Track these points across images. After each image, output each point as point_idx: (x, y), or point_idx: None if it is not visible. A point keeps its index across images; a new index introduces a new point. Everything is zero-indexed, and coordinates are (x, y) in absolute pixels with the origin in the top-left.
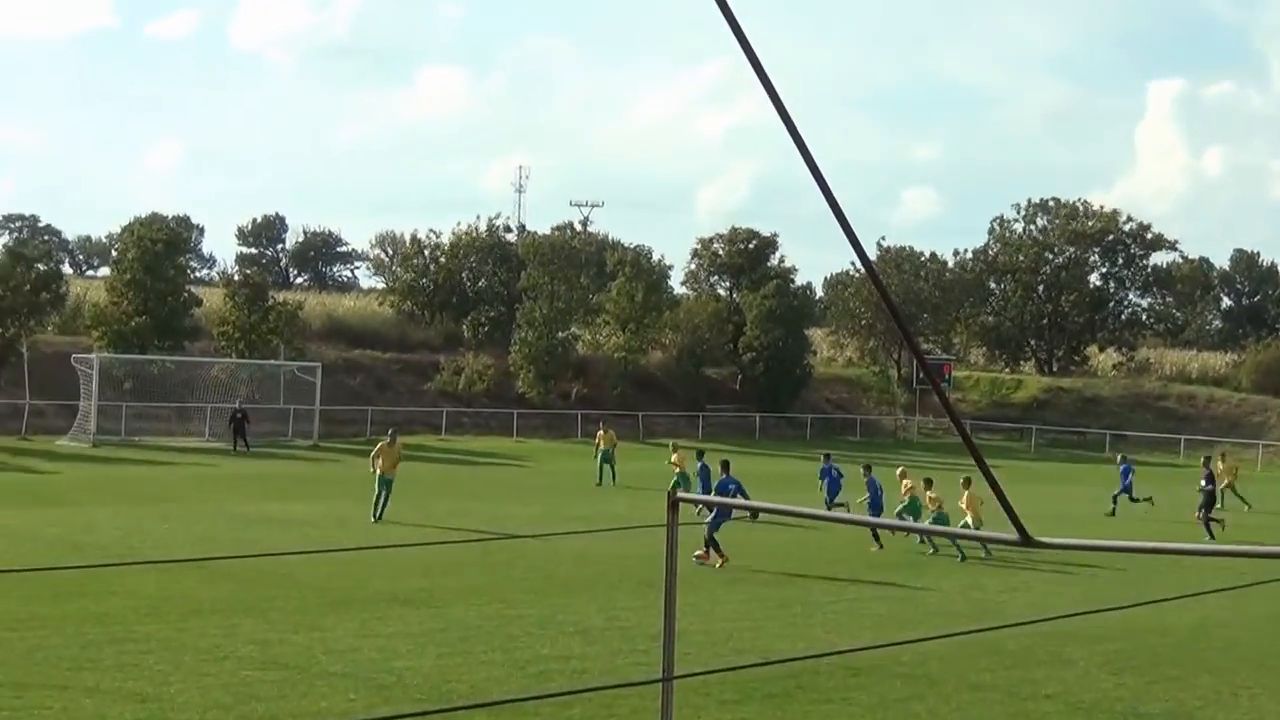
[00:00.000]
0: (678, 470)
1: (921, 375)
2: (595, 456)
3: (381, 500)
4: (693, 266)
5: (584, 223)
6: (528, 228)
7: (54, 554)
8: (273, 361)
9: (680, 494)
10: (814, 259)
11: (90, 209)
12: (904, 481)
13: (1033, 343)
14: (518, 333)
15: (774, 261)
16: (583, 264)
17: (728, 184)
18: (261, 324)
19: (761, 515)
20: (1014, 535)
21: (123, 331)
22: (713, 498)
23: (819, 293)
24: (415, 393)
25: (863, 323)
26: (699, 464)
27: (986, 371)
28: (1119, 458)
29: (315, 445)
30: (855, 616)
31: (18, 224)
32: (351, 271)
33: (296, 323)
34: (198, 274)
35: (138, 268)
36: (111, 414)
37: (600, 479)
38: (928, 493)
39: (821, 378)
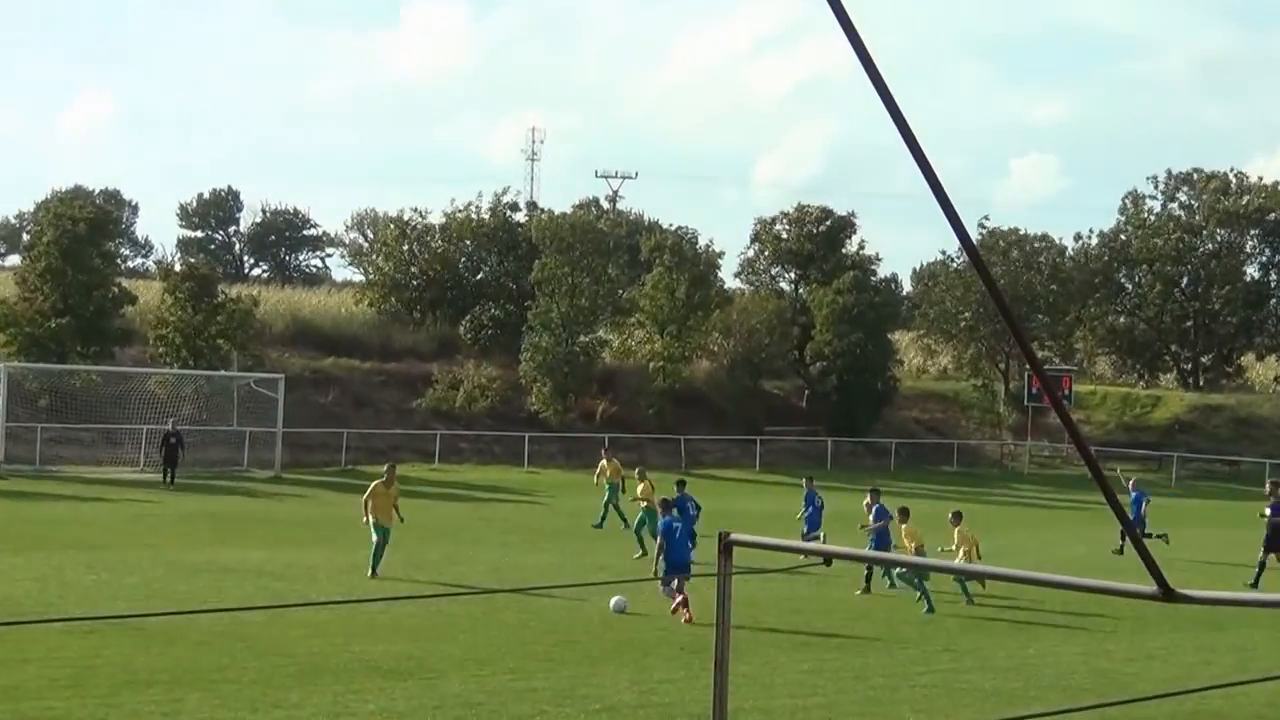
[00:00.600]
0: (644, 505)
1: (1036, 390)
2: (603, 491)
3: (380, 552)
4: (749, 254)
5: (612, 199)
6: (541, 205)
7: None
8: (224, 373)
9: (734, 535)
10: (900, 245)
11: None
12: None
13: (1174, 349)
14: (529, 337)
15: (850, 248)
16: (611, 251)
17: (793, 152)
18: (209, 326)
19: (835, 564)
20: (1152, 588)
21: (36, 335)
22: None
23: (906, 287)
24: (402, 411)
25: (961, 324)
26: (678, 495)
27: (1116, 386)
28: (1130, 482)
29: (277, 477)
30: (951, 692)
31: None
32: (322, 260)
33: (253, 324)
34: (130, 263)
35: (55, 254)
36: (23, 438)
37: (604, 519)
38: (903, 525)
39: (909, 393)
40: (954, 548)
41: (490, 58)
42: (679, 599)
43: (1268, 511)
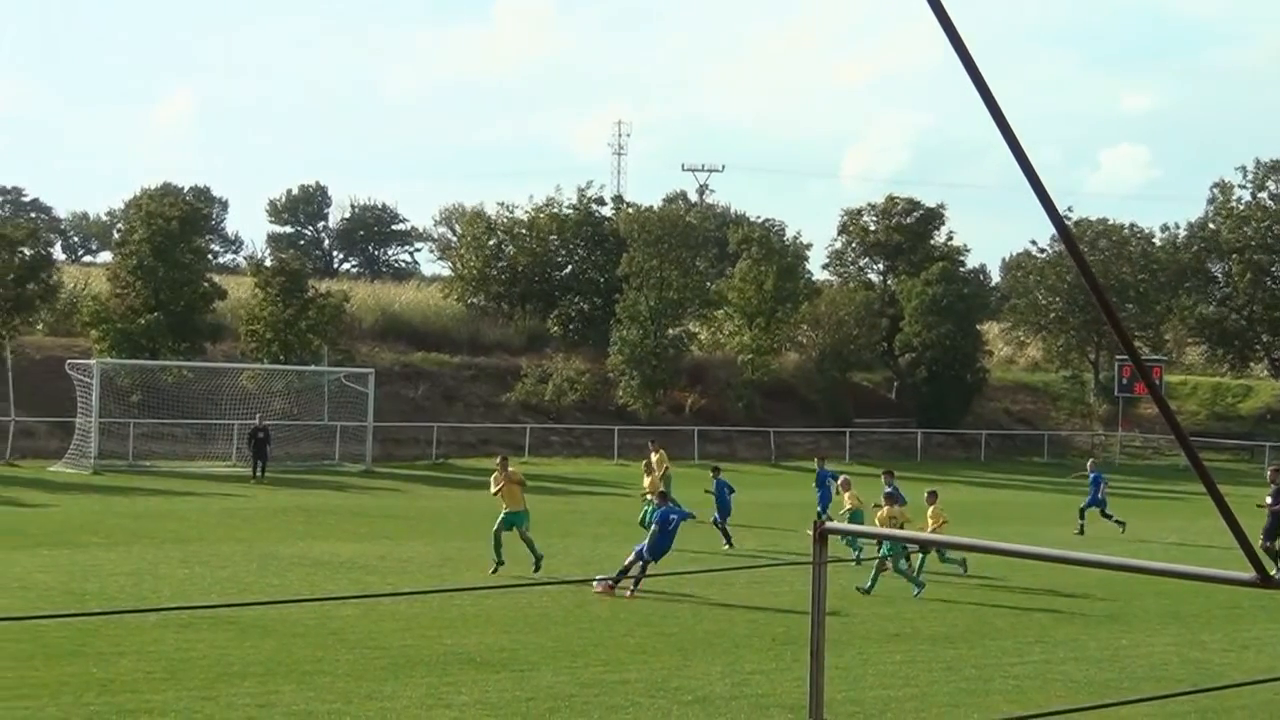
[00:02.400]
0: (647, 496)
1: (1126, 381)
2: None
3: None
4: (837, 245)
5: (700, 192)
6: (628, 199)
7: (49, 606)
8: (314, 368)
9: (829, 524)
10: (989, 236)
11: (87, 179)
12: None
13: (1265, 339)
14: (617, 330)
15: (939, 239)
16: (699, 244)
17: (881, 143)
18: (300, 321)
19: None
20: (1251, 575)
21: (129, 331)
22: (863, 529)
23: (995, 278)
24: (491, 405)
25: (1052, 315)
26: (715, 480)
27: (1206, 375)
28: (1089, 464)
29: (368, 471)
30: (1044, 683)
31: None
32: (410, 255)
33: (343, 319)
34: (220, 259)
35: (146, 251)
36: (116, 433)
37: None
38: (846, 493)
39: (999, 384)
40: (928, 525)
41: (577, 51)
42: (602, 583)
43: (1269, 500)
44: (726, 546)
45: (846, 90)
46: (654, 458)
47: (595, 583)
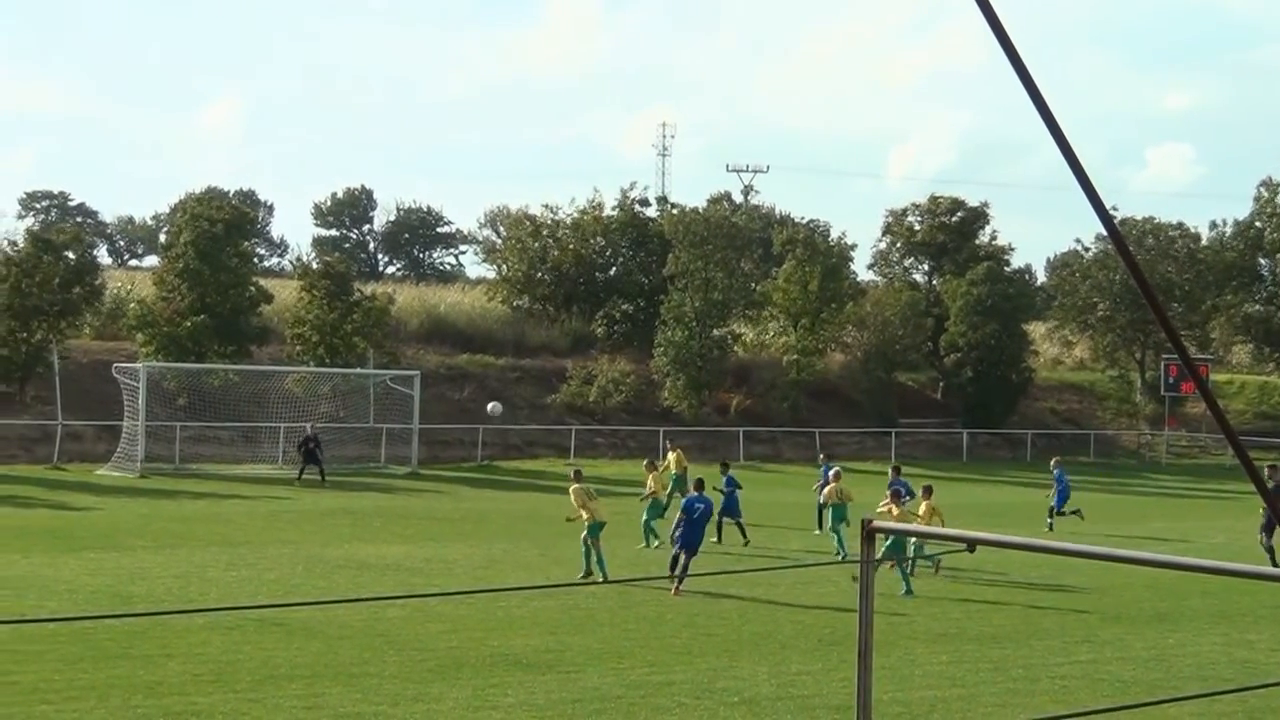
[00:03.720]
0: (649, 497)
1: (1173, 380)
2: (666, 482)
3: (595, 556)
4: (882, 246)
5: (745, 192)
6: (673, 200)
7: (96, 608)
8: (360, 370)
9: (876, 522)
10: (1033, 235)
11: (132, 183)
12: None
13: None
14: (662, 331)
15: (984, 239)
16: (744, 244)
17: (927, 142)
18: (345, 324)
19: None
20: None
21: (175, 335)
22: (909, 527)
23: (1040, 277)
24: (536, 407)
25: (1098, 314)
26: (724, 477)
27: (1253, 374)
28: (1053, 462)
29: (414, 473)
30: (1091, 683)
31: (44, 203)
32: (455, 258)
33: (388, 322)
34: (266, 262)
35: (192, 255)
36: (163, 436)
37: (666, 511)
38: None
39: (1045, 384)
40: (920, 518)
41: (623, 51)
42: (677, 584)
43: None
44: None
45: (891, 89)
46: (671, 457)
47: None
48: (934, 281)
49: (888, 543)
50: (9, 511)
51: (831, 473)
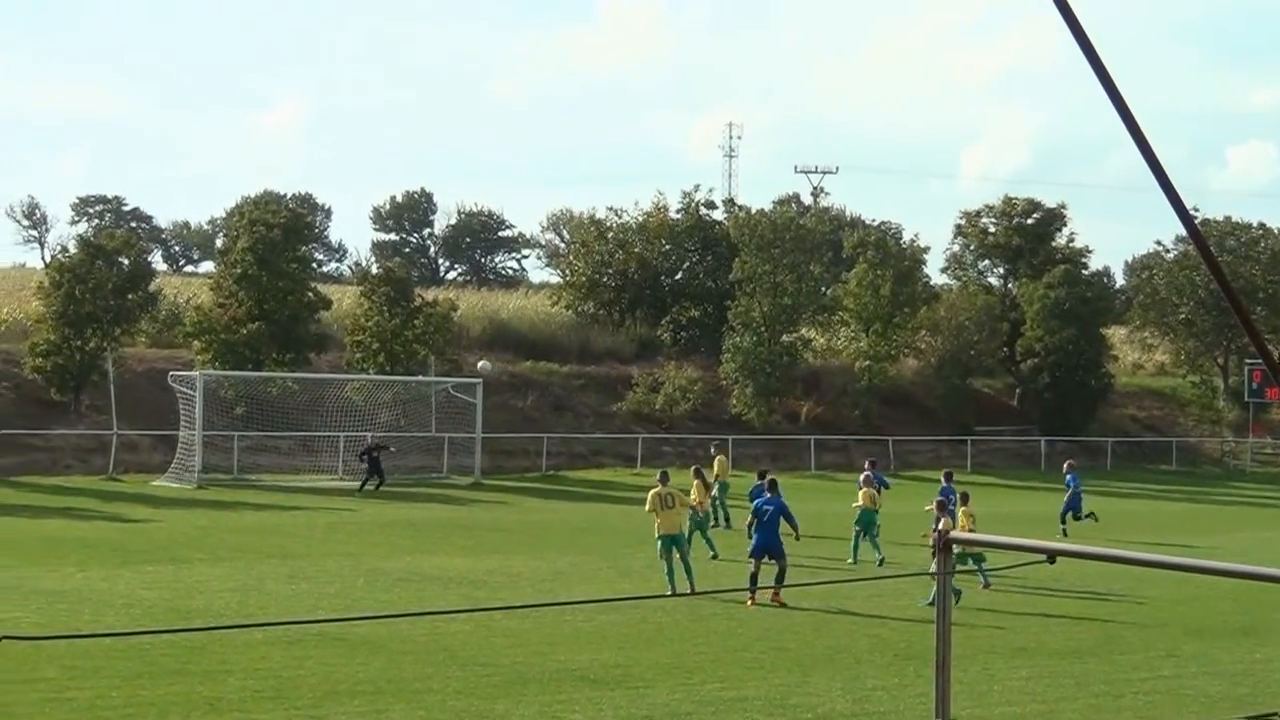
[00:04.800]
0: (697, 508)
1: (1258, 386)
2: (712, 491)
3: (676, 567)
4: (955, 248)
5: (814, 194)
6: (740, 202)
7: (153, 623)
8: (421, 378)
9: (952, 533)
10: (1112, 237)
11: (187, 188)
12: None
13: None
14: (730, 337)
15: (1060, 241)
16: (813, 247)
17: (1001, 142)
18: (406, 330)
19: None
20: None
21: (232, 342)
22: (988, 538)
23: (1119, 280)
24: (602, 415)
25: (1179, 317)
26: (756, 485)
27: None
28: (1065, 466)
29: (477, 483)
30: (1175, 699)
31: (97, 208)
32: (518, 262)
33: (450, 328)
34: (325, 268)
35: (249, 261)
36: (220, 446)
37: (714, 521)
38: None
39: (1125, 390)
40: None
41: (687, 51)
42: (775, 594)
43: None
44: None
45: (965, 87)
46: (717, 461)
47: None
48: (1009, 285)
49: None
50: (64, 524)
51: (863, 476)
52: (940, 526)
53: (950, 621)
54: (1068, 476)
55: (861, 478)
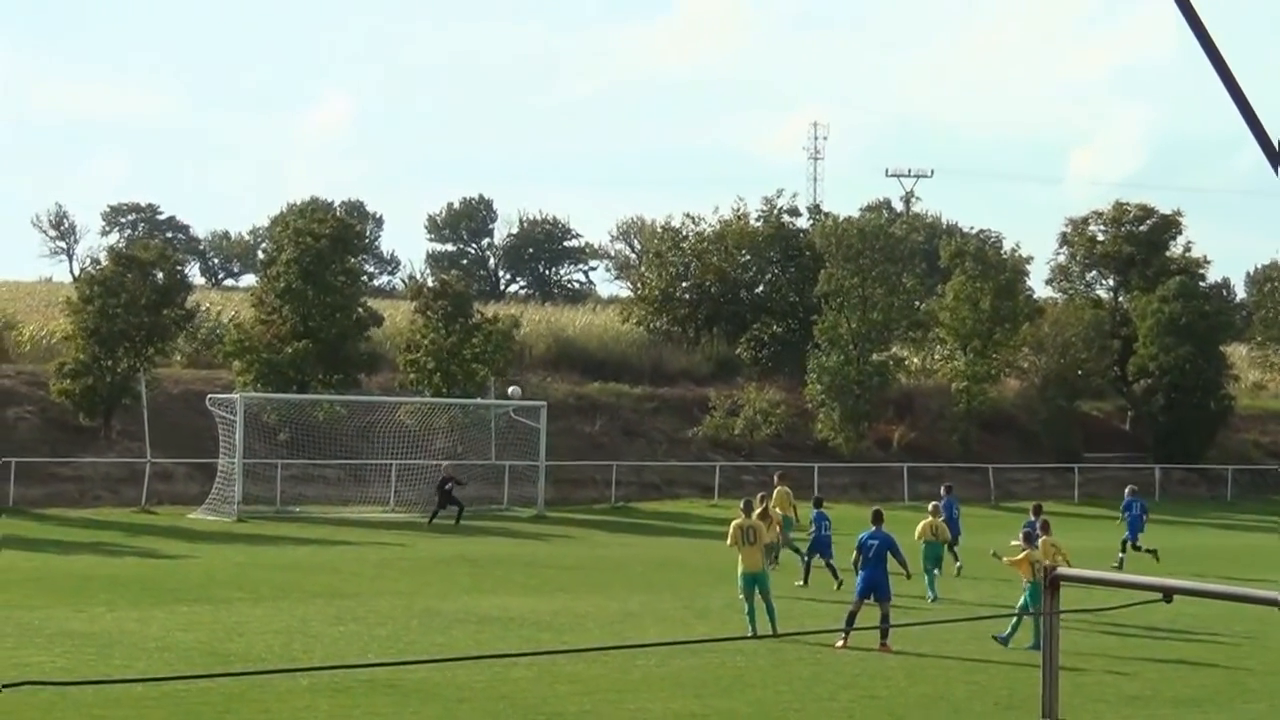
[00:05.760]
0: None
1: None
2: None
3: (758, 607)
4: (1061, 259)
5: (906, 200)
6: (826, 209)
7: (189, 668)
8: (480, 401)
9: (1061, 570)
10: (1232, 246)
11: (227, 195)
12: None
13: None
14: (815, 356)
15: (1176, 250)
16: (906, 258)
17: (1111, 142)
18: (464, 349)
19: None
20: None
21: (275, 362)
22: (1098, 574)
23: (1240, 293)
24: (676, 441)
25: None
26: (815, 513)
27: None
28: (1127, 491)
29: (540, 515)
30: None
31: (130, 217)
32: (585, 275)
33: (512, 346)
34: (376, 281)
35: (294, 274)
36: (262, 476)
37: (776, 557)
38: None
39: (1247, 413)
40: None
41: (769, 45)
42: (883, 643)
43: None
44: (836, 586)
45: (1072, 85)
46: (777, 491)
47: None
48: (1120, 298)
49: (1026, 594)
50: (93, 560)
51: (931, 505)
52: (1016, 558)
53: (1057, 666)
54: (1126, 499)
55: (931, 505)
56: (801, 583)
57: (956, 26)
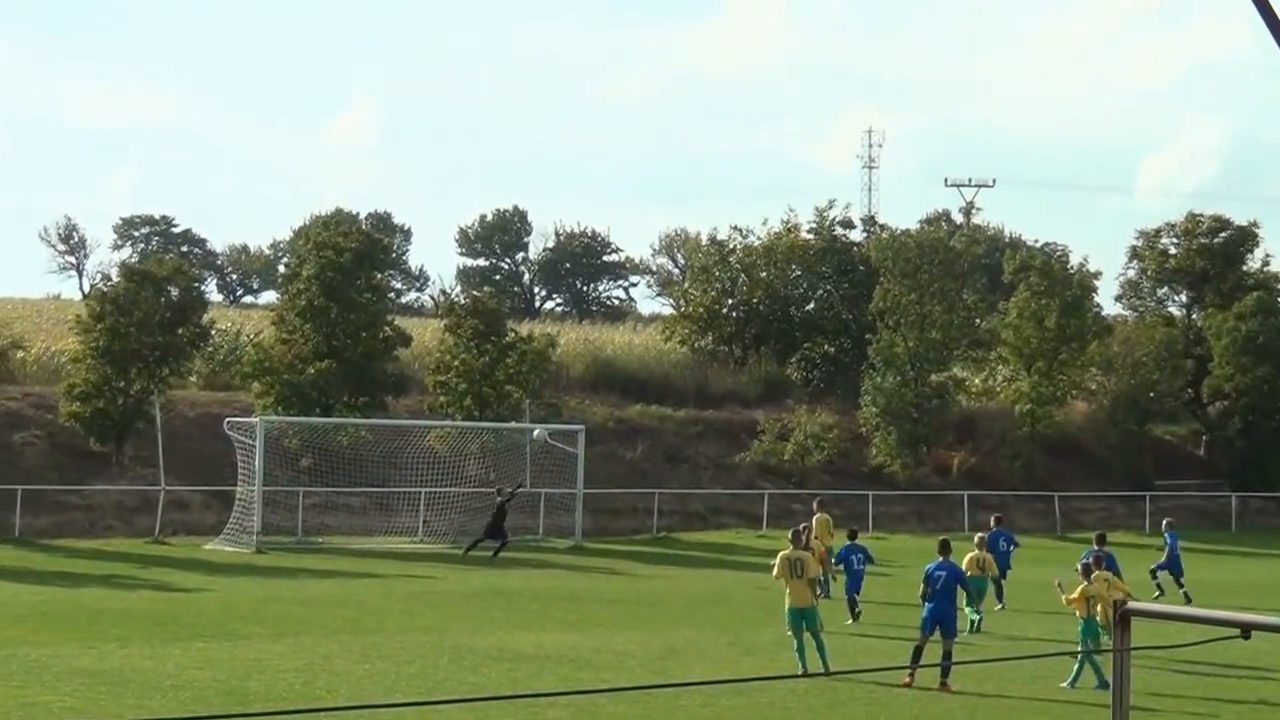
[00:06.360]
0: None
1: None
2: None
3: (808, 644)
4: (1131, 273)
5: (966, 211)
6: (881, 220)
7: (205, 708)
8: (515, 425)
9: (1132, 604)
10: None
11: (246, 207)
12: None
13: None
14: (870, 377)
15: (1253, 264)
16: (966, 273)
17: (1184, 150)
18: (497, 370)
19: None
20: None
21: (297, 384)
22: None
23: None
24: (722, 467)
25: None
26: (846, 544)
27: None
28: (1164, 524)
29: (578, 546)
30: None
31: (143, 230)
32: (625, 291)
33: (548, 367)
34: (404, 298)
35: (316, 290)
36: (283, 504)
37: (827, 588)
38: (976, 553)
39: None
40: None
41: (821, 47)
42: (942, 683)
43: None
44: (849, 622)
45: (1142, 88)
46: (816, 520)
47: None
48: (1194, 316)
49: (1080, 629)
50: (104, 593)
51: (976, 537)
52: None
53: (1128, 707)
54: (1166, 535)
55: (977, 537)
56: (851, 620)
57: (1019, 25)
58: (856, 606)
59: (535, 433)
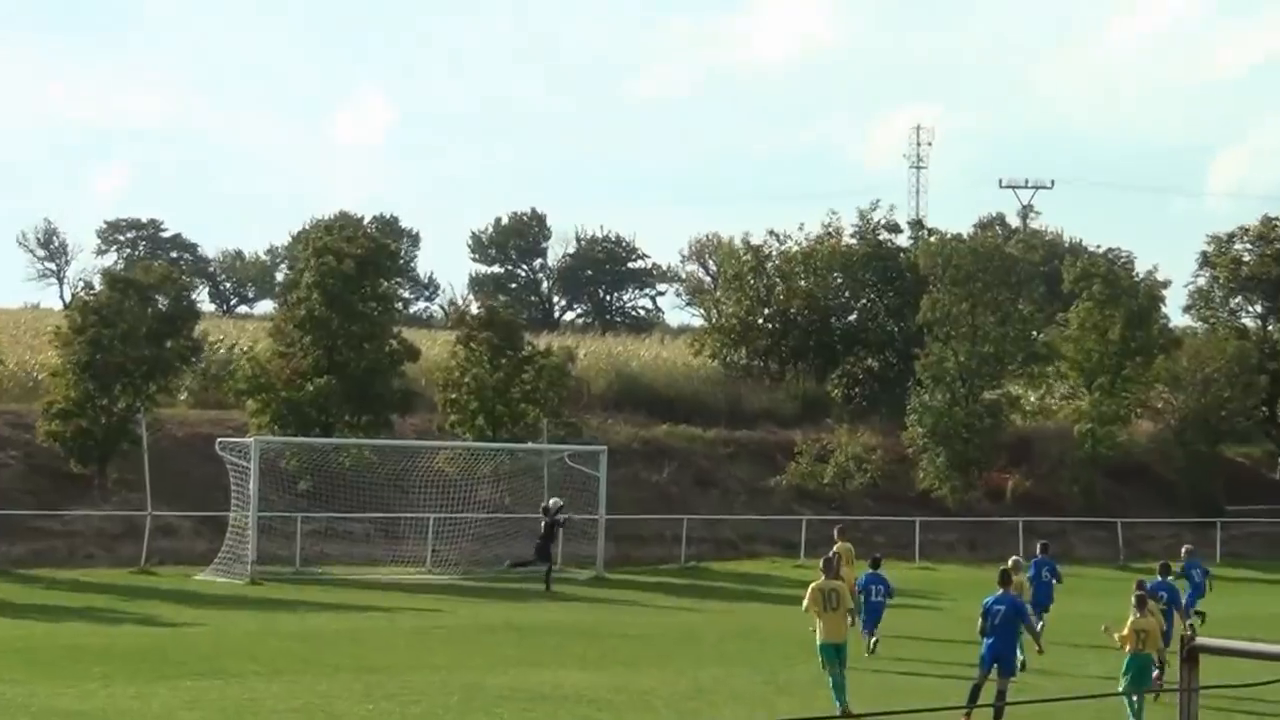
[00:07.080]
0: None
1: None
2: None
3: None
4: (1201, 282)
5: (1023, 214)
6: (930, 225)
7: None
8: (531, 445)
9: (1200, 640)
10: None
11: (241, 209)
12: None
13: None
14: (917, 394)
15: None
16: (1022, 281)
17: (1259, 149)
18: (512, 386)
19: None
20: None
21: (295, 401)
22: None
23: None
24: (756, 492)
25: None
26: (866, 574)
27: None
28: (1184, 550)
29: (599, 577)
30: None
31: (129, 234)
32: (652, 300)
33: (567, 383)
34: (412, 308)
35: (317, 299)
36: (280, 531)
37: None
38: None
39: None
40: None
41: (864, 41)
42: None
43: None
44: (867, 655)
45: (1214, 83)
46: (838, 547)
47: None
48: (1269, 327)
49: (1126, 674)
50: (86, 627)
51: (1011, 560)
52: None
53: None
54: (1186, 564)
55: (1011, 561)
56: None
57: (1077, 16)
58: (873, 637)
59: (552, 501)
